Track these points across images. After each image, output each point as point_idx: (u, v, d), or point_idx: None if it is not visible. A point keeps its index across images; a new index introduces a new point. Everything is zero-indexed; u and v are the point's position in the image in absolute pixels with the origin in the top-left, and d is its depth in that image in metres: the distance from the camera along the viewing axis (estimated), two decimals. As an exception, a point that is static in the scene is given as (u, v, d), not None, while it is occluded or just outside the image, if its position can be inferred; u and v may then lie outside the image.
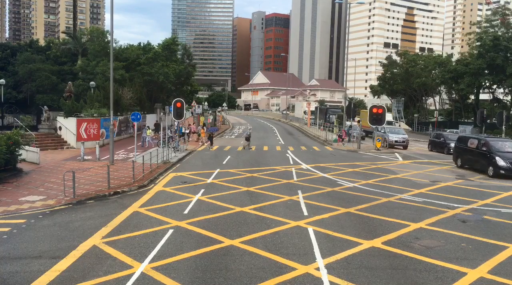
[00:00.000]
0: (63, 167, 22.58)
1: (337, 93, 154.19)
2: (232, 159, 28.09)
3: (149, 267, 9.22)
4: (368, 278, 8.81)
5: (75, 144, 31.41)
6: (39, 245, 10.75)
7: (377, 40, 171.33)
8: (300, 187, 18.62)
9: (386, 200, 16.23)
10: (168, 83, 52.65)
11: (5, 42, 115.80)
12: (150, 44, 57.68)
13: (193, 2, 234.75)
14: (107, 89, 33.43)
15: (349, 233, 11.89)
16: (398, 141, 38.17)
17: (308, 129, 59.52)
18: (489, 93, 56.98)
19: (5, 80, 39.97)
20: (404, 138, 38.72)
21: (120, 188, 17.62)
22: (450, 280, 8.80)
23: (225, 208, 14.62)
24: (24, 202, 15.13)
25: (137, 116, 25.95)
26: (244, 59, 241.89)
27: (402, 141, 38.29)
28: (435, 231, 12.29)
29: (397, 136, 38.68)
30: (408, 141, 39.02)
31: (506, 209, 15.27)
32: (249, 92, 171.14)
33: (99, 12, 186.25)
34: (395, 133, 39.46)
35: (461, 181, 21.52)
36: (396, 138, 38.33)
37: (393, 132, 39.90)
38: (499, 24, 57.76)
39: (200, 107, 62.35)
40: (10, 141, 19.96)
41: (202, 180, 20.14)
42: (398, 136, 38.81)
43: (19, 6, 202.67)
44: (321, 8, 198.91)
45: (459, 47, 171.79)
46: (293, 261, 9.66)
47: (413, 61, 69.26)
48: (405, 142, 38.35)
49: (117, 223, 12.69)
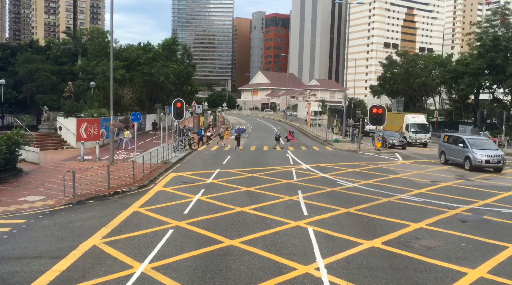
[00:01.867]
0: (63, 167, 22.58)
1: (337, 93, 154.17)
2: (232, 159, 28.08)
3: (149, 267, 9.22)
4: (368, 278, 8.81)
5: (75, 144, 31.42)
6: (39, 245, 10.75)
7: (377, 40, 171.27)
8: (300, 187, 18.62)
9: (386, 200, 16.23)
10: (168, 83, 52.67)
11: (5, 42, 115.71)
12: (150, 44, 57.72)
13: (193, 2, 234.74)
14: (107, 89, 33.43)
15: (349, 233, 11.89)
16: (491, 161, 24.52)
17: (308, 129, 59.50)
18: (489, 93, 56.97)
19: (5, 80, 39.93)
20: (498, 156, 24.76)
21: (120, 188, 17.62)
22: (450, 280, 8.80)
23: (225, 208, 14.62)
24: (24, 202, 15.12)
25: (137, 116, 25.94)
26: (244, 59, 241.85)
27: (496, 162, 24.58)
28: (435, 231, 12.29)
29: (487, 154, 24.62)
30: (504, 162, 25.51)
31: (506, 209, 15.27)
32: (249, 92, 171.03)
33: (99, 12, 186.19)
34: (483, 149, 25.29)
35: (461, 181, 21.52)
36: (487, 157, 24.49)
37: (480, 145, 25.70)
38: (499, 24, 57.75)
39: (200, 107, 62.38)
40: (10, 141, 19.96)
41: (202, 180, 20.14)
42: (488, 153, 24.75)
43: (19, 6, 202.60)
44: (321, 8, 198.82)
45: (459, 47, 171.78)
46: (293, 261, 9.67)
47: (413, 61, 69.21)
48: (500, 163, 24.72)
49: (117, 223, 12.69)
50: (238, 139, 35.49)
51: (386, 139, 38.05)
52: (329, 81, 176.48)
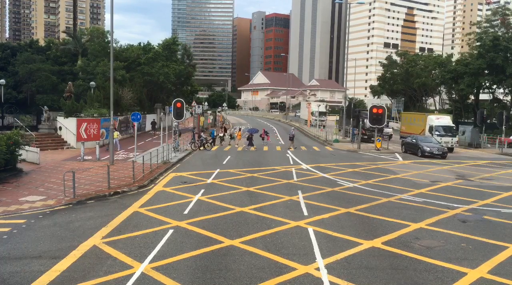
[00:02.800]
0: (63, 167, 22.58)
1: (337, 93, 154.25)
2: (232, 159, 28.08)
3: (149, 267, 9.22)
4: (368, 278, 8.81)
5: (75, 144, 31.42)
6: (39, 245, 10.75)
7: (377, 40, 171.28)
8: (300, 187, 18.62)
9: (386, 200, 16.23)
10: (168, 83, 52.66)
11: (5, 42, 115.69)
12: (150, 44, 57.73)
13: (193, 2, 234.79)
14: (107, 89, 33.43)
15: (349, 233, 11.89)
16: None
17: (308, 129, 59.52)
18: (489, 93, 56.91)
19: (5, 80, 39.94)
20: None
21: (120, 188, 17.61)
22: (450, 280, 8.81)
23: (225, 208, 14.62)
24: (24, 202, 15.12)
25: (137, 116, 25.95)
26: (244, 59, 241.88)
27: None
28: (435, 231, 12.29)
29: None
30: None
31: (506, 209, 15.27)
32: (249, 92, 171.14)
33: (99, 12, 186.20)
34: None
35: (461, 181, 21.52)
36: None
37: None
38: (499, 24, 57.73)
39: (200, 107, 62.35)
40: (10, 141, 19.96)
41: (202, 180, 20.14)
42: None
43: (19, 6, 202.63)
44: (321, 8, 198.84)
45: (459, 47, 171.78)
46: (293, 261, 9.66)
47: (413, 61, 69.20)
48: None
49: (117, 223, 12.69)
50: (250, 139, 35.55)
51: (420, 146, 31.63)
52: (329, 81, 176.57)
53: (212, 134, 37.94)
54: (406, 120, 43.42)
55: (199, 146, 33.72)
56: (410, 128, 40.74)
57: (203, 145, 33.96)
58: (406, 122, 42.88)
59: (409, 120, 41.74)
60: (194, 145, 33.78)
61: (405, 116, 45.38)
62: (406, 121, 42.92)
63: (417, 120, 41.94)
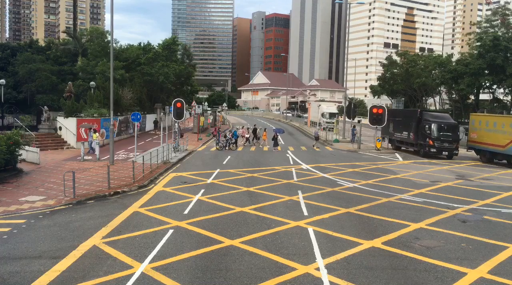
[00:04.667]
0: (63, 167, 22.58)
1: (337, 93, 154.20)
2: (232, 159, 28.08)
3: (149, 267, 9.22)
4: (368, 278, 8.81)
5: (75, 144, 31.42)
6: (39, 245, 10.75)
7: (377, 40, 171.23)
8: (300, 187, 18.62)
9: (386, 200, 16.23)
10: (168, 83, 52.63)
11: (5, 42, 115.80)
12: (150, 44, 57.67)
13: (193, 2, 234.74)
14: (107, 89, 33.43)
15: (349, 233, 11.89)
16: None
17: (308, 129, 59.50)
18: (489, 93, 56.88)
19: (5, 80, 39.95)
20: None
21: (120, 188, 17.61)
22: (450, 280, 8.80)
23: (225, 208, 14.62)
24: (24, 202, 15.12)
25: (137, 116, 25.94)
26: (244, 59, 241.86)
27: None
28: (435, 231, 12.29)
29: None
30: None
31: (506, 209, 15.27)
32: (249, 92, 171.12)
33: (99, 12, 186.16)
34: None
35: (461, 181, 21.52)
36: None
37: None
38: (499, 24, 57.69)
39: (200, 107, 62.32)
40: (10, 141, 19.97)
41: (202, 180, 20.14)
42: None
43: (19, 6, 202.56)
44: (321, 8, 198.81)
45: (459, 47, 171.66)
46: (293, 261, 9.67)
47: (413, 61, 69.13)
48: None
49: (117, 223, 12.69)
50: (275, 139, 35.29)
51: None
52: (329, 81, 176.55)
53: (234, 135, 37.62)
54: (483, 124, 31.43)
55: (225, 146, 33.83)
56: (489, 137, 29.58)
57: (228, 145, 34.02)
58: (485, 127, 30.98)
59: (489, 125, 30.18)
60: (220, 146, 33.91)
61: (479, 118, 32.25)
62: (480, 126, 31.46)
63: (505, 125, 29.15)
